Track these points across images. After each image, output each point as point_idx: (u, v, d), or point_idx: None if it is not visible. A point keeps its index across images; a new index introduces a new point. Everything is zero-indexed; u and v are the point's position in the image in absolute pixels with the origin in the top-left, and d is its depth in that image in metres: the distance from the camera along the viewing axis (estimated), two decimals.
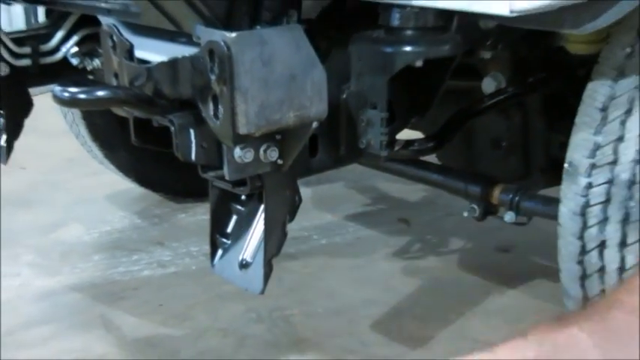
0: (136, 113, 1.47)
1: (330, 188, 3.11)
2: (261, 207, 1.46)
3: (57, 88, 1.29)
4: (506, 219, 1.74)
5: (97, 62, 2.05)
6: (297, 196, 1.49)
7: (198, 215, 2.95)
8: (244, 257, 1.50)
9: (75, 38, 2.12)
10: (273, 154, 1.31)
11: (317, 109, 1.28)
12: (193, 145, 1.35)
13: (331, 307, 2.34)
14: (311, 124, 1.29)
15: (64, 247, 2.82)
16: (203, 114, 1.27)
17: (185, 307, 2.36)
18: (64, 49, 2.12)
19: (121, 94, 1.32)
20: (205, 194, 1.57)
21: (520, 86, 1.79)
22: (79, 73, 2.09)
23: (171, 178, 2.99)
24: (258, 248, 1.48)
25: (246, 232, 1.51)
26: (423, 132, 1.87)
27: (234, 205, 1.54)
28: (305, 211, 1.53)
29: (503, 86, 1.75)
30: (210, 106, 1.25)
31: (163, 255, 2.72)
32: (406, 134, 1.69)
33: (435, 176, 1.95)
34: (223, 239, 1.55)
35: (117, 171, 2.96)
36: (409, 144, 1.68)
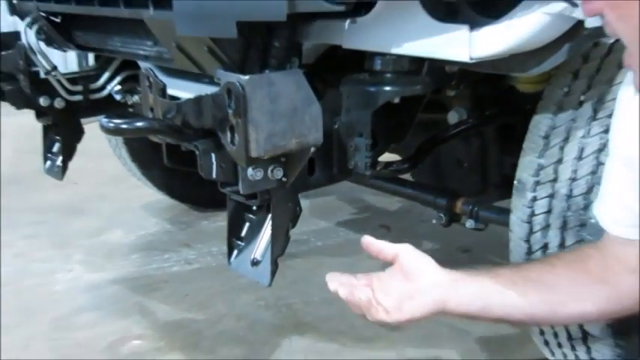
0: (168, 140, 1.46)
1: (324, 200, 3.11)
2: (269, 216, 1.46)
3: (103, 120, 1.29)
4: (467, 225, 1.74)
5: (136, 98, 2.05)
6: (297, 207, 1.49)
7: (217, 222, 2.94)
8: (255, 256, 1.49)
9: (118, 78, 2.13)
10: (279, 173, 1.31)
11: (314, 137, 1.28)
12: (214, 165, 1.34)
13: (325, 297, 2.32)
14: (309, 149, 1.29)
15: (108, 247, 2.82)
16: (222, 141, 1.27)
17: (206, 297, 2.36)
18: (109, 87, 2.12)
19: (156, 124, 1.32)
20: (223, 205, 1.56)
21: (478, 118, 1.79)
22: (122, 107, 2.10)
23: (195, 192, 2.99)
24: (267, 249, 1.48)
25: (256, 236, 1.51)
26: (400, 155, 1.87)
27: (247, 214, 1.54)
28: (304, 219, 1.53)
29: (465, 118, 1.76)
30: (228, 134, 1.25)
31: (189, 254, 2.72)
32: (386, 157, 1.69)
33: (410, 190, 1.95)
34: (238, 242, 1.55)
35: (151, 186, 2.97)
36: (389, 165, 1.68)
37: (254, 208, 1.51)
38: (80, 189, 3.40)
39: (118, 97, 2.11)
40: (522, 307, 1.08)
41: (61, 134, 2.17)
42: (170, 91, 1.58)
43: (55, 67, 1.99)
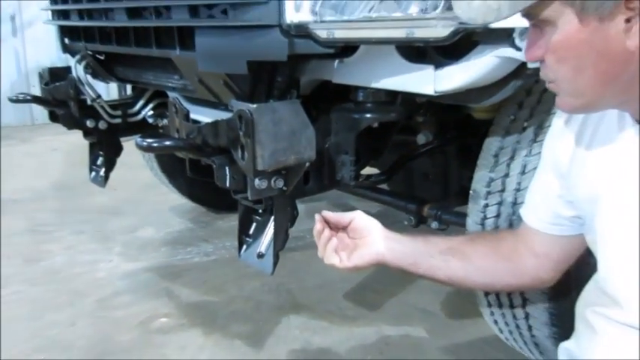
0: (191, 155, 1.47)
1: (317, 205, 3.09)
2: (272, 217, 1.46)
3: (138, 139, 1.29)
4: (432, 226, 1.74)
5: (165, 121, 2.05)
6: (295, 210, 1.49)
7: (230, 222, 2.93)
8: (260, 250, 1.49)
9: (151, 105, 2.14)
10: (280, 183, 1.31)
11: (309, 154, 1.28)
12: (228, 176, 1.35)
13: (318, 283, 2.33)
14: (305, 163, 1.30)
15: (141, 242, 2.80)
16: (234, 157, 1.28)
17: (221, 283, 2.35)
18: (143, 112, 2.13)
19: (181, 143, 1.32)
20: (235, 208, 1.56)
21: (442, 140, 1.78)
22: (153, 129, 2.10)
23: (213, 197, 2.98)
24: (270, 244, 1.48)
25: (261, 233, 1.51)
26: (378, 169, 1.87)
27: (254, 215, 1.54)
28: (300, 220, 1.52)
29: (431, 139, 1.75)
30: (239, 151, 1.25)
31: (207, 248, 2.70)
32: (367, 170, 1.70)
33: (386, 197, 1.94)
34: (247, 238, 1.55)
35: (177, 192, 2.95)
36: (369, 177, 1.68)
37: (260, 211, 1.51)
38: (119, 194, 3.39)
39: (150, 121, 2.12)
40: (444, 270, 1.08)
41: (104, 150, 2.17)
42: (192, 116, 1.59)
43: (99, 96, 1.99)
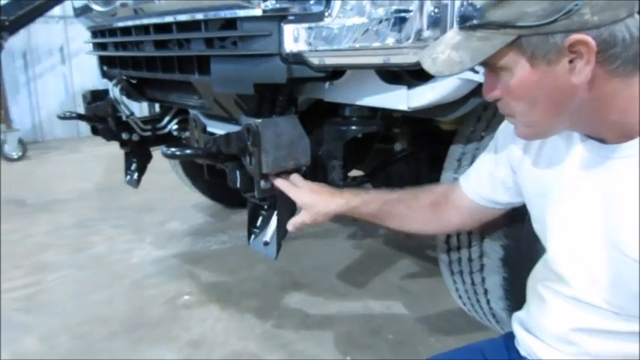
0: (208, 162, 1.46)
1: None
2: (275, 212, 1.45)
3: (164, 148, 1.28)
4: None
5: (187, 134, 2.05)
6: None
7: (242, 216, 2.91)
8: (266, 239, 1.48)
9: (175, 120, 2.12)
10: None
11: (305, 160, 1.27)
12: (238, 179, 1.34)
13: (314, 265, 2.32)
14: (302, 168, 1.28)
15: (169, 233, 2.79)
16: (243, 162, 1.27)
17: (234, 266, 2.34)
18: (169, 126, 2.12)
19: (199, 152, 1.32)
20: (245, 205, 1.55)
21: (415, 147, 1.78)
22: (177, 140, 2.09)
23: (227, 196, 2.97)
24: (274, 234, 1.47)
25: (267, 225, 1.50)
26: (363, 171, 1.87)
27: (261, 211, 1.53)
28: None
29: (406, 147, 1.75)
30: (248, 158, 1.24)
31: (224, 238, 2.69)
32: (353, 173, 1.69)
33: None
34: (255, 229, 1.53)
35: (198, 192, 2.94)
36: (355, 178, 1.68)
37: (265, 207, 1.50)
38: (150, 194, 3.37)
39: (175, 133, 2.11)
40: (380, 217, 1.11)
41: (137, 158, 2.16)
42: (209, 129, 1.58)
43: (132, 113, 1.98)
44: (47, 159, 4.85)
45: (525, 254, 1.19)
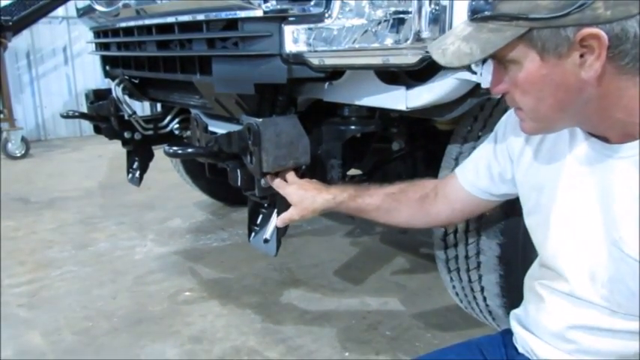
0: (209, 160, 1.45)
1: None
2: (275, 210, 1.44)
3: (166, 147, 1.27)
4: None
5: (188, 133, 2.03)
6: None
7: (242, 213, 2.91)
8: (266, 236, 1.47)
9: (177, 120, 2.11)
10: None
11: (304, 159, 1.27)
12: (239, 177, 1.33)
13: (313, 262, 2.32)
14: (301, 167, 1.28)
15: (171, 230, 2.78)
16: (244, 161, 1.26)
17: (235, 262, 2.33)
18: (171, 126, 2.11)
19: (201, 150, 1.31)
20: (246, 203, 1.54)
21: (412, 146, 1.77)
22: (179, 139, 2.08)
23: (228, 194, 2.96)
24: (273, 232, 1.46)
25: (267, 223, 1.49)
26: (361, 170, 1.86)
27: (261, 209, 1.52)
28: None
29: (403, 146, 1.74)
30: (248, 157, 1.23)
31: (224, 235, 2.68)
32: (352, 171, 1.69)
33: None
34: (255, 227, 1.52)
35: (199, 190, 2.93)
36: (353, 177, 1.67)
37: (265, 205, 1.50)
38: (152, 192, 3.37)
39: (176, 132, 2.10)
40: (368, 212, 1.10)
41: (139, 156, 2.14)
42: (210, 128, 1.57)
43: (134, 112, 1.97)
44: (50, 157, 4.84)
45: (522, 252, 1.19)
